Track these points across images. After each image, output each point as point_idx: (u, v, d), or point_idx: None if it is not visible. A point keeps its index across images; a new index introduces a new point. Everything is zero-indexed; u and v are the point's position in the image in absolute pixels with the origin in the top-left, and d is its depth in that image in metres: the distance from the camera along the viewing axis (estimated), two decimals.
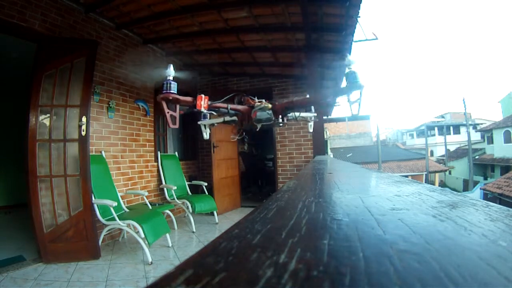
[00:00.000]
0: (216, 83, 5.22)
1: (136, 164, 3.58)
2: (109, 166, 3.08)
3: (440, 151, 23.17)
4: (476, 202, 0.41)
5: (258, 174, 6.91)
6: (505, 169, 14.29)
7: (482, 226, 0.29)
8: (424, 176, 15.03)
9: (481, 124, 22.65)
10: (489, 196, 10.54)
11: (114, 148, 3.26)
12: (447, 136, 21.62)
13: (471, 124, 20.56)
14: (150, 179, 3.80)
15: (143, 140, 3.73)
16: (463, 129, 22.26)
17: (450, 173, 19.81)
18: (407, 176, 11.12)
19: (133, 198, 3.41)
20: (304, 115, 1.83)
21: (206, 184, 4.06)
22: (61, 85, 2.56)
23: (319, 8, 2.86)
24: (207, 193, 4.04)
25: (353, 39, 3.17)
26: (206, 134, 1.82)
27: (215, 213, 3.92)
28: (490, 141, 17.51)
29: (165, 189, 3.79)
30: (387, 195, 0.50)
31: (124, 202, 3.13)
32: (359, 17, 2.75)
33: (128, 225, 2.57)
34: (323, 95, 1.49)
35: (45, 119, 2.56)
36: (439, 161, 20.15)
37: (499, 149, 16.03)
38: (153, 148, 3.90)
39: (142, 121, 3.73)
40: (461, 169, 18.96)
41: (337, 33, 3.23)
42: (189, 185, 4.19)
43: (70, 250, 2.44)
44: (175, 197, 3.66)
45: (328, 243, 0.25)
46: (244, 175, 6.42)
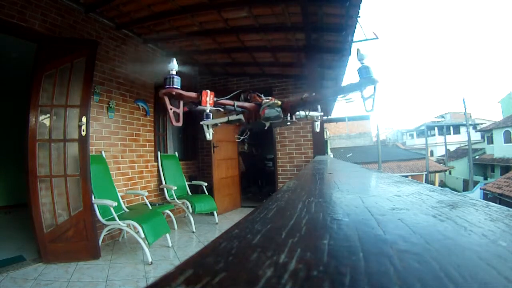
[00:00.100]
0: (216, 83, 5.22)
1: (136, 164, 3.58)
2: (109, 166, 3.08)
3: (440, 151, 23.17)
4: (476, 202, 0.41)
5: (258, 174, 6.91)
6: (505, 169, 14.29)
7: (482, 226, 0.29)
8: (424, 176, 15.03)
9: (481, 124, 22.66)
10: (489, 196, 10.54)
11: (114, 148, 3.26)
12: (447, 136, 21.62)
13: (471, 124, 20.56)
14: (150, 179, 3.80)
15: (143, 140, 3.73)
16: (463, 129, 22.26)
17: (450, 173, 19.82)
18: (407, 176, 11.13)
19: (133, 198, 3.41)
20: (312, 114, 1.77)
21: (206, 184, 4.06)
22: (61, 85, 2.56)
23: (319, 8, 2.87)
24: (207, 193, 4.04)
25: (353, 39, 3.18)
26: (209, 135, 1.71)
27: (215, 213, 3.92)
28: (490, 141, 17.51)
29: (165, 189, 3.79)
30: (387, 195, 0.50)
31: (124, 202, 3.13)
32: (359, 17, 2.75)
33: (128, 225, 2.57)
34: (334, 92, 1.41)
35: (45, 119, 2.56)
36: (439, 161, 20.15)
37: (499, 149, 16.03)
38: (153, 148, 3.90)
39: (142, 121, 3.73)
40: (461, 169, 18.96)
41: (337, 33, 3.23)
42: (189, 185, 4.19)
43: (70, 250, 2.44)
44: (175, 197, 3.66)
45: (328, 243, 0.25)
46: (244, 175, 6.42)
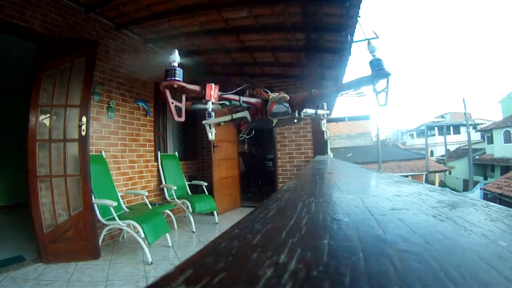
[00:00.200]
0: (216, 83, 5.21)
1: (136, 164, 3.58)
2: (109, 166, 3.08)
3: (440, 151, 23.17)
4: (476, 202, 0.41)
5: (258, 174, 6.90)
6: (505, 169, 14.29)
7: (482, 226, 0.29)
8: (424, 176, 15.03)
9: (481, 124, 22.65)
10: (489, 196, 10.54)
11: (114, 148, 3.26)
12: (447, 136, 21.62)
13: (471, 124, 20.56)
14: (150, 179, 3.80)
15: (143, 140, 3.73)
16: (463, 129, 22.26)
17: (450, 173, 19.82)
18: (407, 176, 11.11)
19: (133, 198, 3.41)
20: (320, 112, 1.74)
21: (206, 184, 4.06)
22: (61, 85, 2.55)
23: (319, 8, 2.87)
24: (207, 193, 4.04)
25: (353, 39, 3.18)
26: (212, 135, 1.64)
27: (215, 213, 3.92)
28: (490, 141, 17.51)
29: (165, 189, 3.78)
30: (387, 195, 0.50)
31: (124, 202, 3.13)
32: (359, 17, 2.75)
33: (128, 225, 2.57)
34: (345, 86, 1.33)
35: (45, 119, 2.56)
36: (439, 161, 20.15)
37: (499, 149, 16.03)
38: (153, 148, 3.90)
39: (142, 121, 3.73)
40: (461, 169, 18.96)
41: (337, 33, 3.23)
42: (189, 185, 4.19)
43: (70, 250, 2.44)
44: (175, 197, 3.66)
45: (328, 243, 0.25)
46: (244, 175, 6.42)
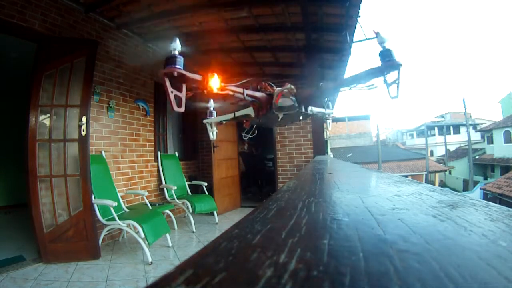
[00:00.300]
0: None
1: (136, 164, 3.58)
2: (109, 166, 3.08)
3: (440, 151, 23.17)
4: (476, 202, 0.41)
5: (258, 174, 6.91)
6: (505, 169, 14.29)
7: (482, 226, 0.29)
8: (424, 176, 15.03)
9: (481, 124, 22.65)
10: (489, 196, 10.54)
11: (114, 148, 3.26)
12: (447, 136, 21.62)
13: (471, 124, 20.56)
14: (150, 179, 3.80)
15: (143, 140, 3.73)
16: (463, 129, 22.25)
17: (450, 173, 19.82)
18: (407, 176, 11.11)
19: (133, 198, 3.41)
20: (327, 112, 1.73)
21: (206, 184, 4.06)
22: (61, 85, 2.55)
23: (319, 8, 2.87)
24: (207, 193, 4.04)
25: (353, 39, 3.18)
26: (213, 134, 1.62)
27: (215, 213, 3.92)
28: (490, 141, 17.51)
29: (165, 189, 3.78)
30: (387, 195, 0.50)
31: (124, 202, 3.13)
32: (359, 17, 2.75)
33: (128, 225, 2.57)
34: (355, 79, 1.28)
35: (45, 119, 2.56)
36: (439, 161, 20.15)
37: (499, 149, 16.02)
38: (153, 148, 3.90)
39: (142, 121, 3.73)
40: (461, 169, 18.96)
41: (337, 33, 3.23)
42: (189, 185, 4.19)
43: (70, 250, 2.44)
44: (175, 197, 3.66)
45: (328, 243, 0.25)
46: (244, 175, 6.42)
